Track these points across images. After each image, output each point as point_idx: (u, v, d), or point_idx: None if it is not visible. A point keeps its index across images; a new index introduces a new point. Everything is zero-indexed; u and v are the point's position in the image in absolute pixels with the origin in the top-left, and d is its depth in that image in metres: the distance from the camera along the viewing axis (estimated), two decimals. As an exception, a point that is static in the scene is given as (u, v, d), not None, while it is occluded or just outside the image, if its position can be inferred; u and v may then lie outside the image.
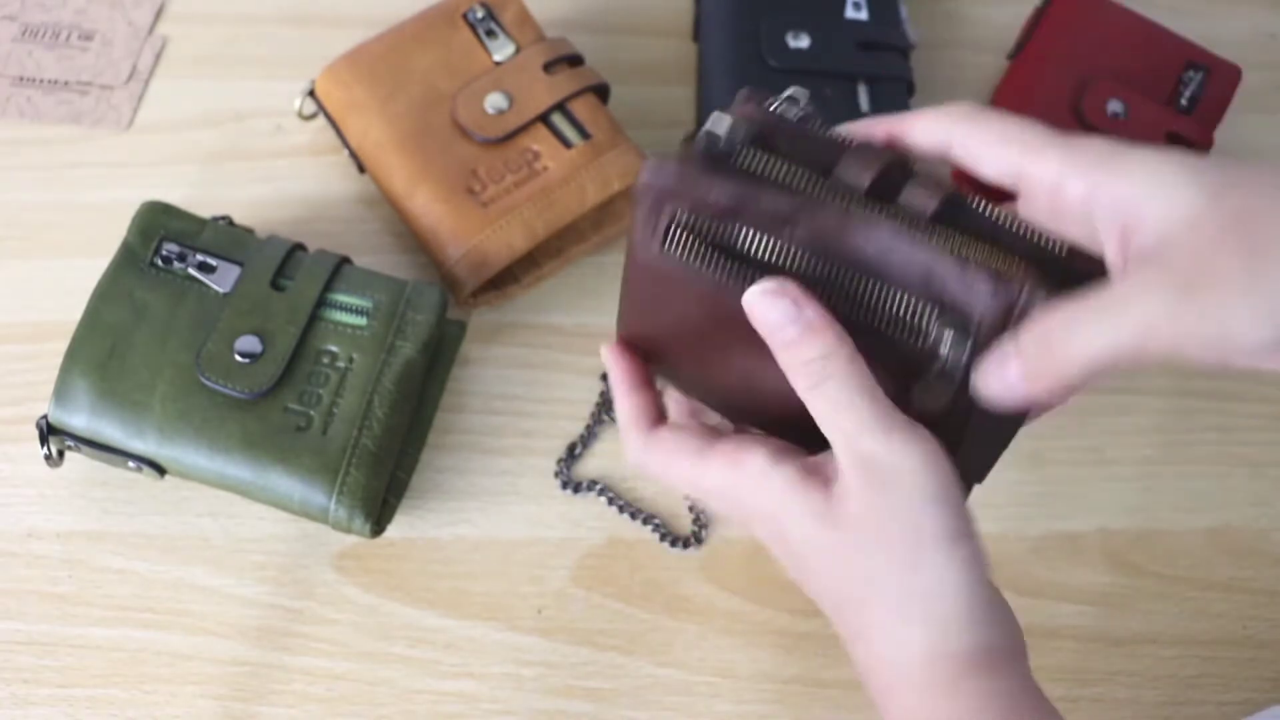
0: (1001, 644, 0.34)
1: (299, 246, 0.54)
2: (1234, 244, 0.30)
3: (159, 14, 0.67)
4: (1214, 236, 0.30)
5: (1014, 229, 0.35)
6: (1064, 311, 0.32)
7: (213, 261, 0.52)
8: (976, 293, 0.34)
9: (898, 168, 0.36)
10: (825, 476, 0.36)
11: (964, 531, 0.34)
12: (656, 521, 0.54)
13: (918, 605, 0.34)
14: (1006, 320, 0.34)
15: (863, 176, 0.35)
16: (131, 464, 0.50)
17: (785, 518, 0.36)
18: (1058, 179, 0.33)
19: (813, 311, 0.34)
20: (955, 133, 0.36)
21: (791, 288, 0.34)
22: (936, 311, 0.34)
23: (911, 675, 0.34)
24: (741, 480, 0.37)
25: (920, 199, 0.35)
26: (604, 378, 0.57)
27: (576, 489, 0.54)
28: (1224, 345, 0.30)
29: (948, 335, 0.34)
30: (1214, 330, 0.30)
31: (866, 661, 0.36)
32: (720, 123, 0.36)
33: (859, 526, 0.34)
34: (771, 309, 0.34)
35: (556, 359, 0.58)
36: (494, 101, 0.58)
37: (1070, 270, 0.34)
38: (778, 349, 0.35)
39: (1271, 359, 0.30)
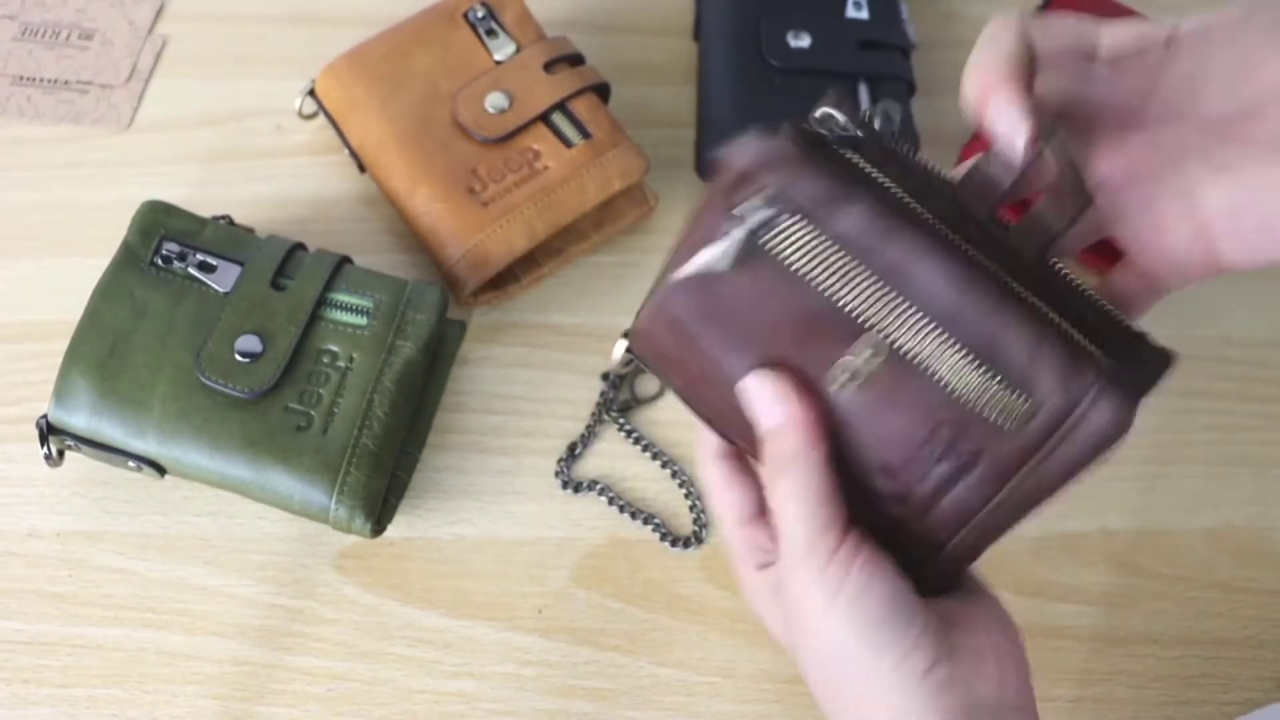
0: None
1: (299, 246, 0.54)
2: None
3: (159, 13, 0.67)
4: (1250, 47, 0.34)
5: (1096, 303, 0.35)
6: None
7: (213, 261, 0.52)
8: (1043, 375, 0.33)
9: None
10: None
11: (885, 640, 0.35)
12: (657, 521, 0.54)
13: (863, 707, 0.35)
14: (1066, 417, 0.33)
15: (979, 210, 0.36)
16: (131, 464, 0.50)
17: (771, 622, 0.40)
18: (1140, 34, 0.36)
19: (799, 410, 0.35)
20: (1030, 28, 0.36)
21: (787, 382, 0.35)
22: (997, 379, 0.33)
23: None
24: (741, 581, 0.41)
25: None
26: (604, 377, 0.57)
27: (577, 489, 0.54)
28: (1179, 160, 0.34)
29: (1005, 404, 0.34)
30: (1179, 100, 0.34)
31: None
32: (837, 112, 0.36)
33: (802, 630, 0.37)
34: (762, 392, 0.36)
35: (557, 359, 0.58)
36: (494, 101, 0.58)
37: (1136, 352, 0.34)
38: (761, 434, 0.36)
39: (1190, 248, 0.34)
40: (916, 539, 0.36)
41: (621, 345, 0.41)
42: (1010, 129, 0.34)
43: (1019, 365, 0.33)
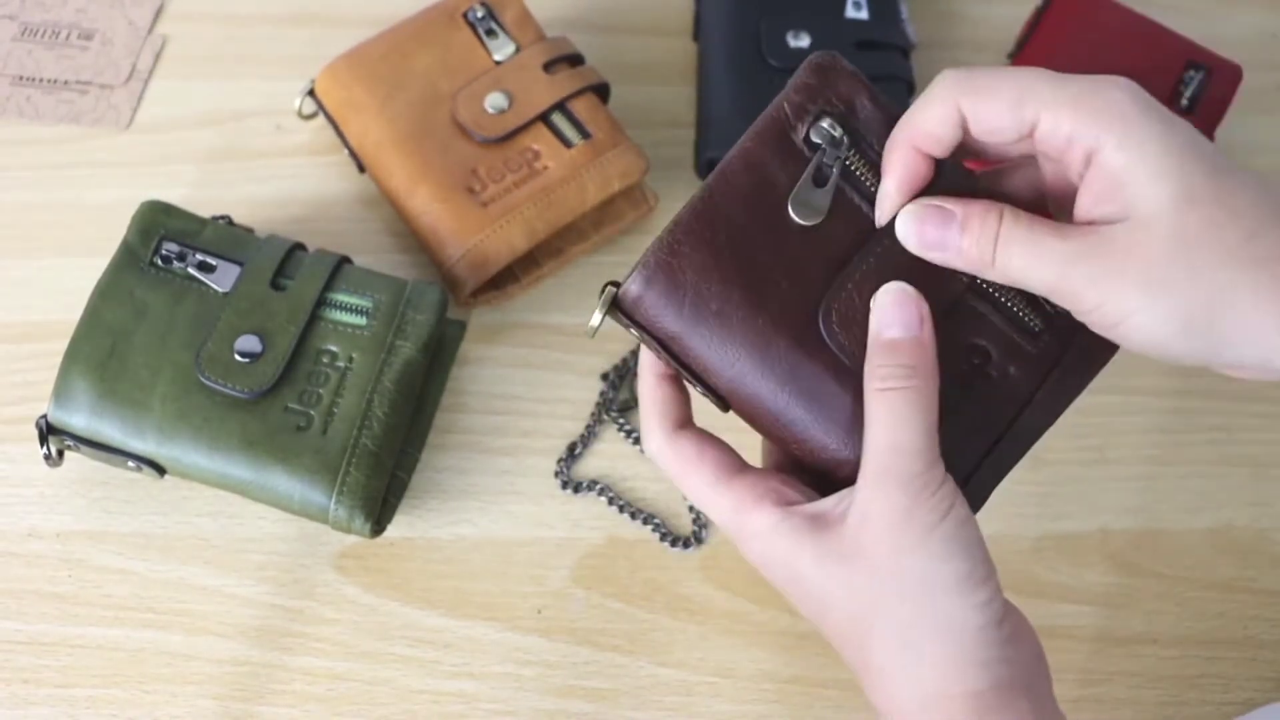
0: (1014, 677, 0.35)
1: (299, 246, 0.54)
2: (1165, 259, 0.33)
3: (159, 13, 0.67)
4: (1158, 241, 0.33)
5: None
6: (1024, 230, 0.35)
7: (213, 261, 0.52)
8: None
9: None
10: (831, 520, 0.36)
11: (980, 576, 0.35)
12: (656, 521, 0.54)
13: (930, 645, 0.35)
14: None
15: None
16: (131, 464, 0.50)
17: (797, 563, 0.36)
18: (1068, 139, 0.35)
19: (929, 333, 0.36)
20: (964, 108, 0.36)
21: (925, 304, 0.37)
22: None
23: (924, 713, 0.35)
24: (749, 532, 0.37)
25: None
26: (604, 377, 0.57)
27: (576, 489, 0.54)
28: (1115, 333, 0.34)
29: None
30: (1110, 317, 0.34)
31: (878, 695, 0.36)
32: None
33: (874, 557, 0.35)
34: (900, 306, 0.36)
35: (556, 359, 0.58)
36: (494, 101, 0.58)
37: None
38: (880, 342, 0.36)
39: (1171, 351, 0.34)
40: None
41: (610, 295, 0.38)
42: (882, 196, 0.38)
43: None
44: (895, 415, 0.35)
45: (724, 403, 0.39)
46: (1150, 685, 0.52)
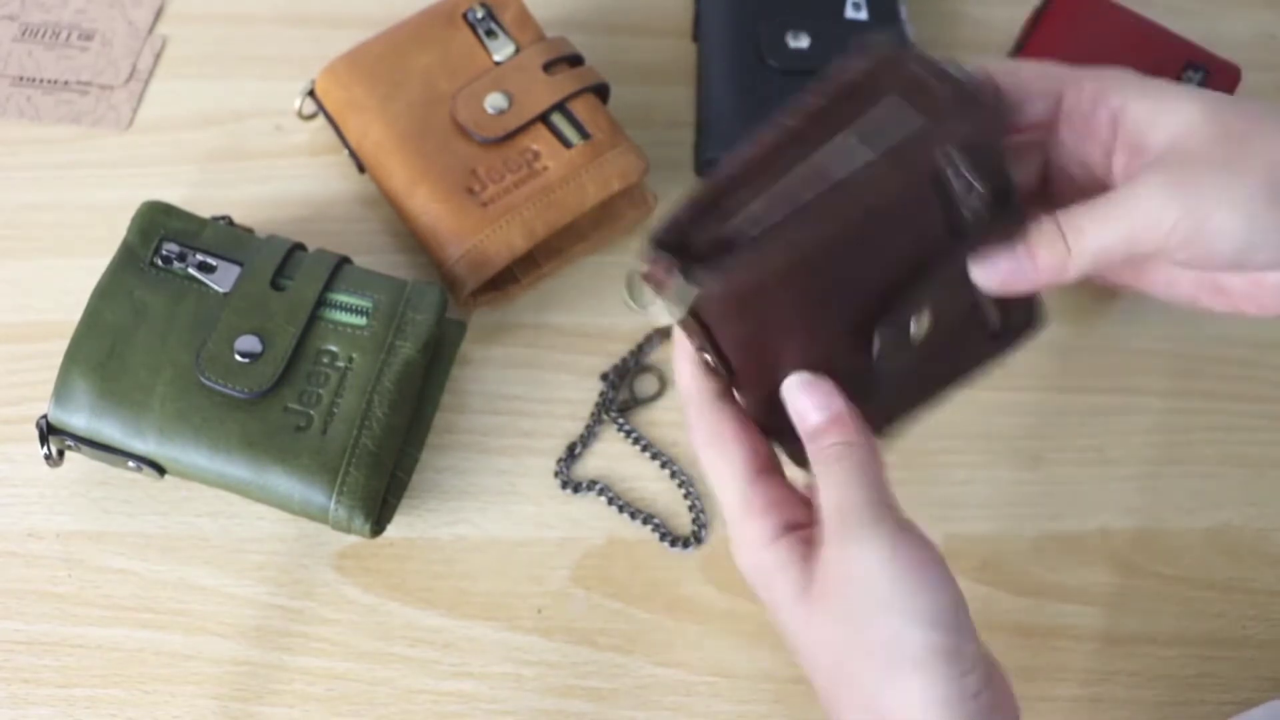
0: None
1: (299, 246, 0.54)
2: (1220, 149, 0.35)
3: (159, 14, 0.67)
4: (1205, 142, 0.35)
5: None
6: (1076, 211, 0.36)
7: (213, 261, 0.52)
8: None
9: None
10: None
11: (945, 648, 0.33)
12: (656, 521, 0.54)
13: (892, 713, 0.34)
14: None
15: None
16: (131, 464, 0.50)
17: (776, 592, 0.37)
18: (1092, 103, 0.37)
19: (841, 405, 0.37)
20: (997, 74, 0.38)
21: (826, 382, 0.37)
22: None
23: None
24: (742, 538, 0.38)
25: None
26: (604, 377, 0.57)
27: (576, 489, 0.54)
28: (1201, 240, 0.35)
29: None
30: (1193, 224, 0.34)
31: None
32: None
33: (837, 610, 0.35)
34: (803, 397, 0.37)
35: (556, 359, 0.58)
36: (494, 101, 0.58)
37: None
38: (808, 429, 0.37)
39: (1248, 265, 0.36)
40: None
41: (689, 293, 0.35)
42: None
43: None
44: (836, 486, 0.36)
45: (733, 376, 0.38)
46: (1149, 685, 0.52)
